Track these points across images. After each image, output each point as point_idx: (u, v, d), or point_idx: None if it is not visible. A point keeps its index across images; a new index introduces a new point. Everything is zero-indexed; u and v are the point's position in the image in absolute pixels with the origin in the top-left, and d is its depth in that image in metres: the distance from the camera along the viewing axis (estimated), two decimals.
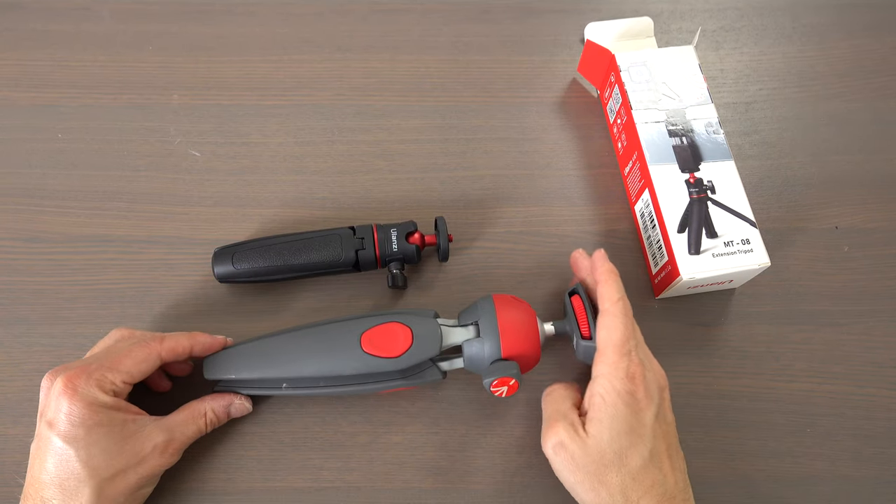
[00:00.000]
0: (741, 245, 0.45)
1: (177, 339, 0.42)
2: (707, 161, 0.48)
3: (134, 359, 0.40)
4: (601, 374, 0.39)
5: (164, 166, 0.54)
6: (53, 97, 0.57)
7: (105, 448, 0.38)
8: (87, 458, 0.37)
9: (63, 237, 0.51)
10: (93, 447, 0.37)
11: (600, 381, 0.39)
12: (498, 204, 0.53)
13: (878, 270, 0.51)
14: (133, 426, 0.39)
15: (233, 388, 0.44)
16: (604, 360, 0.39)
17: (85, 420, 0.37)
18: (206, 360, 0.44)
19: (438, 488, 0.44)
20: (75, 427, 0.37)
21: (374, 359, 0.42)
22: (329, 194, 0.53)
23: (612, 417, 0.38)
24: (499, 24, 0.61)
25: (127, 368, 0.40)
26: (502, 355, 0.42)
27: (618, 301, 0.40)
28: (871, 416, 0.47)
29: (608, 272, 0.41)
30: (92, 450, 0.37)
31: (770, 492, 0.45)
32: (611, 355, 0.39)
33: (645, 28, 0.57)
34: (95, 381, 0.38)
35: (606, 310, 0.40)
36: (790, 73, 0.59)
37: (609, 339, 0.39)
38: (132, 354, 0.40)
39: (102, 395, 0.38)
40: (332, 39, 0.60)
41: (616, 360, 0.39)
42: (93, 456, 0.37)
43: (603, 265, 0.42)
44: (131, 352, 0.40)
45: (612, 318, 0.40)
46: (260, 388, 0.44)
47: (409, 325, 0.43)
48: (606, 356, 0.39)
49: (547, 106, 0.57)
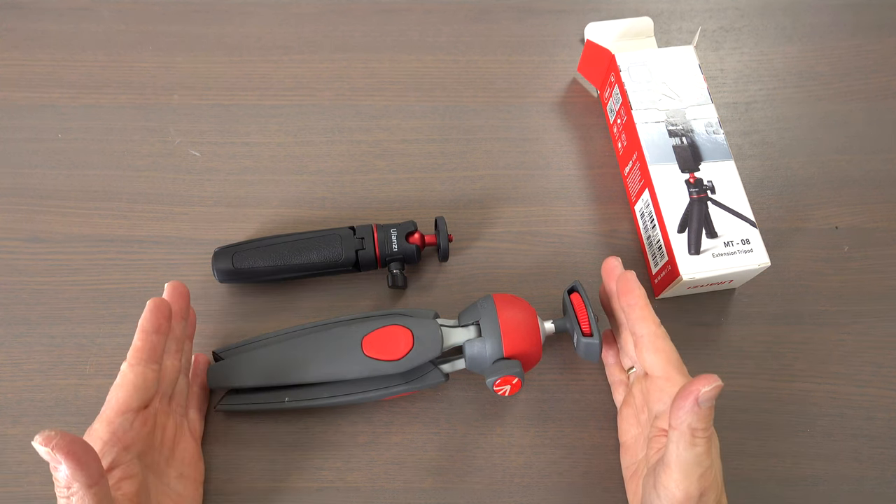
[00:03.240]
0: (741, 245, 0.45)
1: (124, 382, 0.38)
2: (707, 161, 0.48)
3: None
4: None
5: (164, 166, 0.54)
6: (53, 97, 0.57)
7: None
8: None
9: (63, 237, 0.51)
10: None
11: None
12: (498, 204, 0.53)
13: (878, 270, 0.51)
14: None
15: (236, 405, 0.44)
16: (673, 384, 0.39)
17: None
18: (209, 371, 0.44)
19: (438, 488, 0.44)
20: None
21: (376, 362, 0.42)
22: (329, 194, 0.53)
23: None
24: (499, 24, 0.61)
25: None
26: (504, 354, 0.42)
27: (660, 324, 0.40)
28: (871, 416, 0.47)
29: (644, 295, 0.41)
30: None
31: (770, 492, 0.45)
32: (677, 375, 0.39)
33: (645, 28, 0.57)
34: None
35: (654, 332, 0.40)
36: (790, 73, 0.59)
37: (669, 361, 0.39)
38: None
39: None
40: (332, 39, 0.60)
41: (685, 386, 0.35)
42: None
43: (638, 287, 0.41)
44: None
45: (665, 340, 0.40)
46: (264, 404, 0.44)
47: (410, 327, 0.43)
48: (674, 380, 0.39)
49: (547, 106, 0.57)
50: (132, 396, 0.37)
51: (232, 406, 0.44)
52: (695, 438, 0.34)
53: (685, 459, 0.34)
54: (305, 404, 0.44)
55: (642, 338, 0.40)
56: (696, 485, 0.34)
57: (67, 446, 0.31)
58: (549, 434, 0.46)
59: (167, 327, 0.40)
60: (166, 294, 0.42)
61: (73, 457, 0.31)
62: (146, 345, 0.38)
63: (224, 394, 0.45)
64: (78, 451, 0.31)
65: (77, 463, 0.31)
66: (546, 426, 0.46)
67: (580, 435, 0.46)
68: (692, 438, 0.34)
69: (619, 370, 0.46)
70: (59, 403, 0.46)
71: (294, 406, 0.44)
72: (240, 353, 0.45)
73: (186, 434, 0.42)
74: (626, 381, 0.45)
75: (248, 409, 0.44)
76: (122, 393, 0.37)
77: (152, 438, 0.39)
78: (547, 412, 0.46)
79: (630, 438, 0.43)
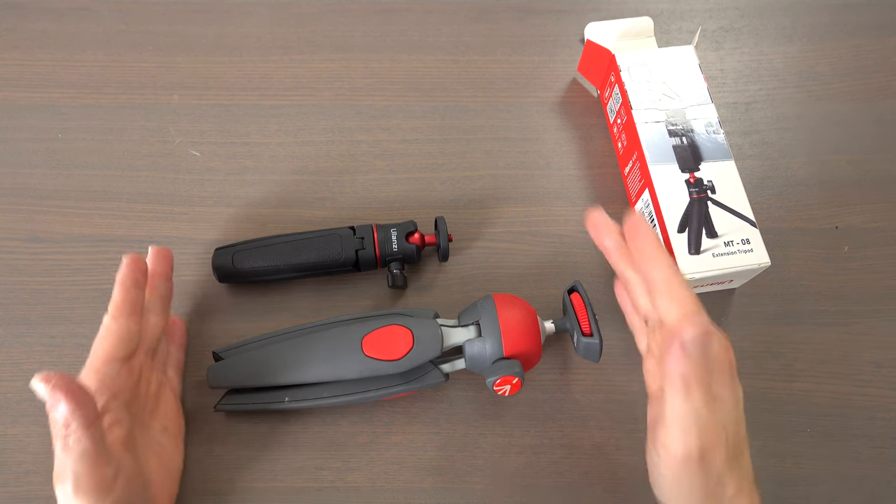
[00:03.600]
0: (741, 245, 0.45)
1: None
2: (707, 161, 0.48)
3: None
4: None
5: (164, 166, 0.54)
6: (53, 97, 0.57)
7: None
8: None
9: (63, 237, 0.51)
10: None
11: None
12: (498, 204, 0.53)
13: (878, 270, 0.51)
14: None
15: (237, 405, 0.44)
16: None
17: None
18: (209, 370, 0.44)
19: (438, 488, 0.44)
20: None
21: (376, 362, 0.42)
22: (329, 194, 0.53)
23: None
24: (499, 24, 0.61)
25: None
26: (504, 354, 0.42)
27: (676, 266, 0.34)
28: (871, 416, 0.47)
29: (657, 237, 0.35)
30: None
31: (770, 492, 0.44)
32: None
33: (645, 28, 0.57)
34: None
35: (668, 277, 0.33)
36: (790, 73, 0.59)
37: (684, 305, 0.33)
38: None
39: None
40: (332, 39, 0.60)
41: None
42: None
43: (650, 228, 0.35)
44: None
45: (681, 285, 0.33)
46: (264, 404, 0.44)
47: (410, 327, 0.43)
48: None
49: (547, 106, 0.57)
50: (117, 347, 0.38)
51: (232, 406, 0.44)
52: (689, 390, 0.31)
53: (682, 413, 0.31)
54: (305, 404, 0.44)
55: (655, 282, 0.34)
56: (695, 442, 0.31)
57: (66, 385, 0.32)
58: (549, 434, 0.46)
59: (144, 282, 0.41)
60: (150, 257, 0.44)
61: (72, 395, 0.32)
62: (126, 297, 0.39)
63: (224, 394, 0.45)
64: (76, 390, 0.32)
65: (76, 401, 0.32)
66: (546, 426, 0.46)
67: (580, 435, 0.46)
68: (686, 390, 0.31)
69: (639, 317, 0.42)
70: None
71: (294, 406, 0.44)
72: (239, 353, 0.45)
73: (168, 390, 0.43)
74: (647, 329, 0.41)
75: (248, 409, 0.44)
76: (107, 343, 0.38)
77: (137, 389, 0.40)
78: (547, 412, 0.46)
79: (657, 389, 0.38)
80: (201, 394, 0.46)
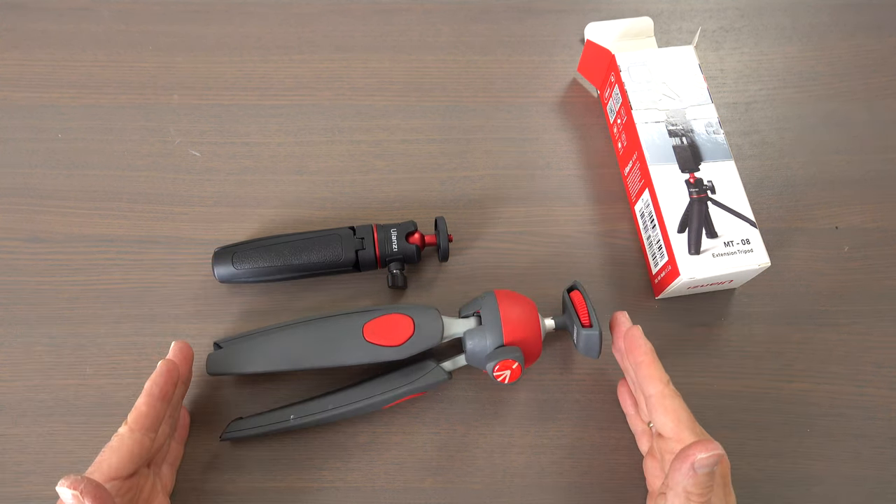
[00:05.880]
0: (741, 245, 0.45)
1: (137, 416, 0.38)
2: (707, 161, 0.48)
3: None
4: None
5: (164, 166, 0.54)
6: (53, 97, 0.57)
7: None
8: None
9: (63, 237, 0.51)
10: None
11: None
12: (498, 204, 0.53)
13: (878, 270, 0.51)
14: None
15: (242, 431, 0.43)
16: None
17: None
18: (209, 357, 0.44)
19: (438, 488, 0.44)
20: None
21: (377, 348, 0.43)
22: (329, 194, 0.53)
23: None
24: (499, 24, 0.61)
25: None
26: (504, 341, 0.42)
27: (669, 382, 0.39)
28: (871, 416, 0.47)
29: (651, 351, 0.40)
30: None
31: (770, 492, 0.45)
32: (689, 437, 0.37)
33: (645, 28, 0.57)
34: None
35: (662, 392, 0.39)
36: (790, 73, 0.59)
37: (679, 421, 0.38)
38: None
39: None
40: (332, 39, 0.60)
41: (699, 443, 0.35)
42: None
43: (645, 344, 0.40)
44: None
45: (674, 399, 0.38)
46: (269, 426, 0.43)
47: (411, 315, 0.43)
48: (685, 441, 0.37)
49: (547, 106, 0.57)
50: (126, 464, 0.36)
51: (237, 433, 0.43)
52: (690, 500, 0.34)
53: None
54: (311, 419, 0.43)
55: (651, 398, 0.39)
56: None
57: (94, 491, 0.33)
58: (549, 434, 0.46)
59: (172, 394, 0.40)
60: (171, 354, 0.42)
61: (99, 501, 0.33)
62: (151, 412, 0.38)
63: (228, 424, 0.44)
64: (104, 496, 0.33)
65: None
66: (546, 426, 0.46)
67: (580, 435, 0.46)
68: (688, 500, 0.34)
69: (641, 420, 0.44)
70: (59, 403, 0.46)
71: (300, 424, 0.43)
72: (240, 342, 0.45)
73: (159, 493, 0.40)
74: (648, 432, 0.44)
75: (254, 433, 0.43)
76: (116, 459, 0.36)
77: (128, 497, 0.37)
78: (547, 412, 0.46)
79: (657, 488, 0.41)
80: (201, 393, 0.46)
